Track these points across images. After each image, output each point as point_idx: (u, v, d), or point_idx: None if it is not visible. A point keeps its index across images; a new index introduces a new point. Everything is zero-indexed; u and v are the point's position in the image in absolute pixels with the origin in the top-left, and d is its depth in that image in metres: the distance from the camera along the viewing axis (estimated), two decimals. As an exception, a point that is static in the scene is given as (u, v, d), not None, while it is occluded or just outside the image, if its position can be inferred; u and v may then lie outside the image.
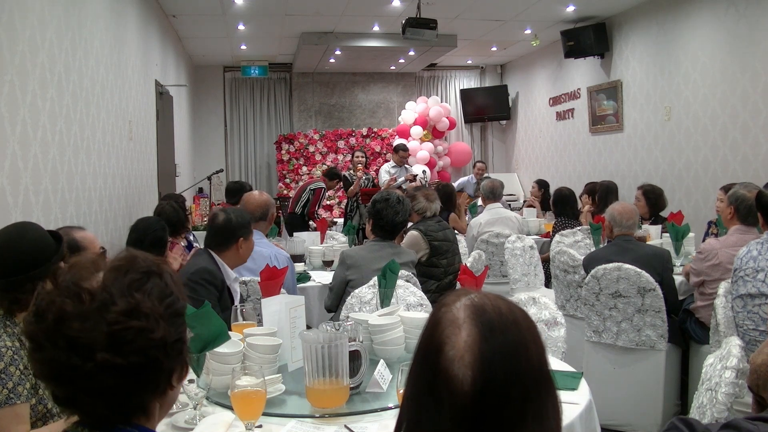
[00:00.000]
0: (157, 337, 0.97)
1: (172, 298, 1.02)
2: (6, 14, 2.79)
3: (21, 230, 1.92)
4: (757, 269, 2.79)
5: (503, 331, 0.92)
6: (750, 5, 5.78)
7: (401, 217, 3.41)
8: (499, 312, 0.94)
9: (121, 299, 0.97)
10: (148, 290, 0.99)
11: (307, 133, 10.52)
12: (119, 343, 0.95)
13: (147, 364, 0.96)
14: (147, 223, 3.70)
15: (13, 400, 1.69)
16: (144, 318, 0.97)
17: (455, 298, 0.96)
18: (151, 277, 1.02)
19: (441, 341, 0.91)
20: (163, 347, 0.98)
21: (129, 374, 0.95)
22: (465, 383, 0.87)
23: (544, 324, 2.60)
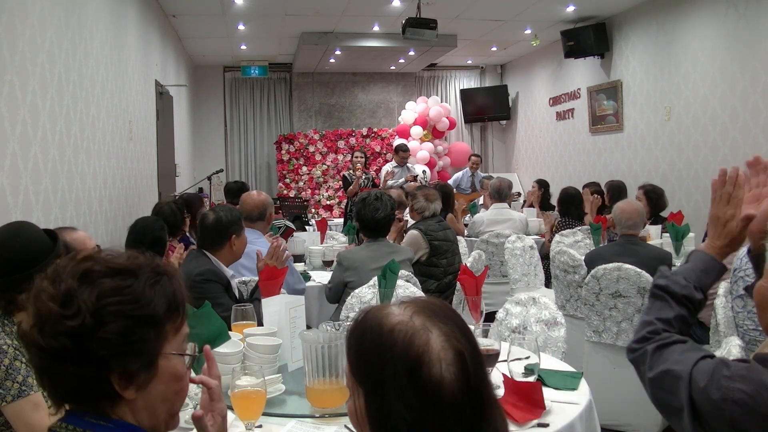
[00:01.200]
0: (75, 324, 0.95)
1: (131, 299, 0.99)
2: (6, 14, 2.79)
3: (15, 229, 1.92)
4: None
5: (457, 318, 0.96)
6: (750, 5, 5.78)
7: (382, 213, 3.39)
8: (438, 305, 0.98)
9: (62, 284, 0.98)
10: (96, 285, 0.98)
11: (307, 133, 10.52)
12: (41, 322, 0.97)
13: (62, 350, 0.95)
14: (146, 223, 3.70)
15: (26, 392, 1.72)
16: (68, 305, 0.96)
17: (386, 314, 0.96)
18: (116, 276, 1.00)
19: (416, 355, 0.90)
20: (85, 337, 0.95)
21: (51, 356, 0.96)
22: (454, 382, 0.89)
23: (544, 324, 2.59)
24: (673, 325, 1.34)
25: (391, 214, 3.47)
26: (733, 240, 1.41)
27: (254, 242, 3.58)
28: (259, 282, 2.87)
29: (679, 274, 1.39)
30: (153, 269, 1.04)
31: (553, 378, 2.00)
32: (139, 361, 0.99)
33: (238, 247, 2.92)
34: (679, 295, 1.37)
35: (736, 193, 1.41)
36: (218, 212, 2.96)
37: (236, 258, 2.96)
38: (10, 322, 1.82)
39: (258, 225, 3.70)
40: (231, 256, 2.92)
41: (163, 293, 1.02)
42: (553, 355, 2.44)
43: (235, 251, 2.92)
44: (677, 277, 1.39)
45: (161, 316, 1.01)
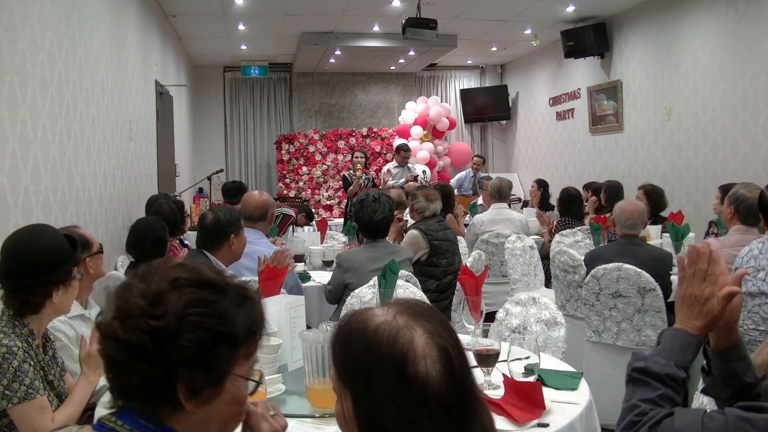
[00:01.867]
0: (158, 325, 0.96)
1: (213, 313, 0.99)
2: (6, 14, 2.79)
3: (37, 232, 1.92)
4: (758, 268, 2.78)
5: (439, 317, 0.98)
6: (750, 5, 5.78)
7: (381, 215, 3.38)
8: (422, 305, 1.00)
9: (154, 284, 1.00)
10: (185, 292, 0.99)
11: (307, 133, 10.52)
12: (126, 315, 0.98)
13: (141, 348, 0.96)
14: (147, 223, 3.69)
15: (32, 395, 1.73)
16: (156, 305, 0.97)
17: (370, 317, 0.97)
18: (205, 288, 1.01)
19: (401, 352, 0.92)
20: (163, 338, 0.96)
21: (127, 350, 0.97)
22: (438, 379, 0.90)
23: (544, 324, 2.60)
24: (658, 404, 1.27)
25: (390, 215, 3.46)
26: (714, 319, 1.31)
27: (255, 242, 3.58)
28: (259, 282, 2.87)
29: (655, 354, 1.33)
30: (240, 291, 1.05)
31: (553, 378, 2.00)
32: (208, 377, 0.99)
33: (237, 246, 2.93)
34: (661, 375, 1.29)
35: (712, 270, 1.32)
36: (217, 212, 2.97)
37: (235, 258, 2.97)
38: (21, 324, 1.83)
39: (259, 225, 3.70)
40: (230, 256, 2.93)
41: (245, 316, 1.03)
42: (553, 355, 2.44)
43: (234, 251, 2.92)
44: (655, 357, 1.32)
45: (239, 338, 1.02)
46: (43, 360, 1.89)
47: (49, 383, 1.89)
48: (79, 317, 2.40)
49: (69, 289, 1.92)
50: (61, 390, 1.95)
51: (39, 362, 1.85)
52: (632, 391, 1.32)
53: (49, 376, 1.90)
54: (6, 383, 1.71)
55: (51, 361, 1.95)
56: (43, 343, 1.94)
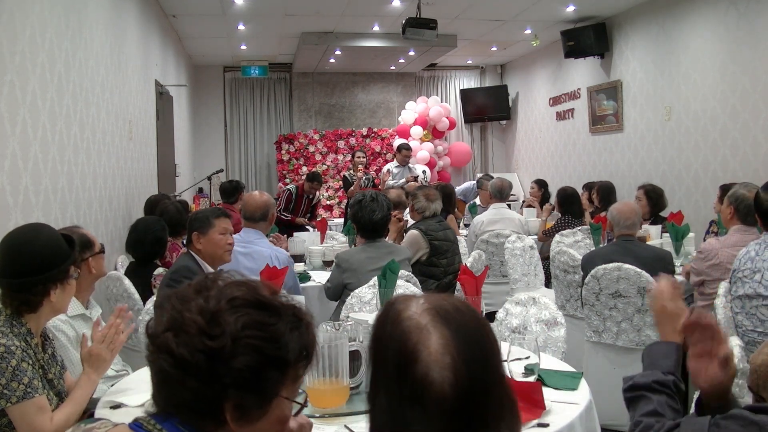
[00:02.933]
0: (214, 345, 0.95)
1: (269, 336, 0.99)
2: (6, 14, 2.79)
3: (35, 231, 1.92)
4: (754, 270, 2.78)
5: (469, 327, 0.93)
6: (750, 5, 5.78)
7: (379, 214, 3.37)
8: (460, 310, 0.95)
9: (212, 301, 0.99)
10: (242, 312, 0.99)
11: (307, 133, 10.52)
12: (181, 330, 0.97)
13: (194, 365, 0.95)
14: (147, 223, 3.70)
15: (31, 394, 1.73)
16: (214, 324, 0.96)
17: (407, 305, 0.96)
18: (263, 309, 1.01)
19: (414, 349, 0.90)
20: (218, 359, 0.95)
21: (179, 365, 0.96)
22: (445, 386, 0.87)
23: (544, 324, 2.60)
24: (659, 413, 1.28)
25: (388, 214, 3.46)
26: (721, 384, 1.32)
27: (256, 242, 3.59)
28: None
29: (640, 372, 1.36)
30: (295, 313, 1.05)
31: (553, 378, 2.00)
32: (257, 399, 0.99)
33: (205, 245, 2.90)
34: (649, 384, 1.31)
35: (717, 350, 1.33)
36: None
37: (212, 256, 2.92)
38: (19, 324, 1.83)
39: (260, 225, 3.70)
40: (205, 255, 2.90)
41: (299, 339, 1.03)
42: (553, 355, 2.44)
43: (203, 250, 2.90)
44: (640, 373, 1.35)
45: (291, 361, 1.02)
46: (43, 359, 1.89)
47: (49, 382, 1.89)
48: (79, 317, 2.40)
49: (67, 287, 1.92)
50: (61, 388, 1.95)
51: (38, 361, 1.85)
52: (632, 411, 1.32)
53: (49, 375, 1.90)
54: (4, 382, 1.70)
55: (50, 359, 1.95)
56: (42, 341, 1.94)
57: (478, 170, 11.32)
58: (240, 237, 3.57)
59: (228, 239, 2.92)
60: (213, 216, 2.94)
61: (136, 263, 3.66)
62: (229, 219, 2.99)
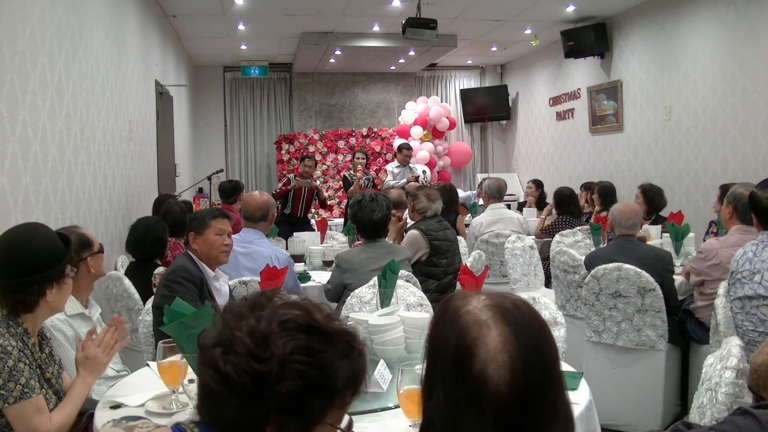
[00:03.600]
0: (260, 369, 0.94)
1: (318, 363, 0.97)
2: (6, 14, 2.79)
3: (31, 231, 1.92)
4: (753, 271, 2.78)
5: (530, 327, 0.92)
6: (750, 5, 5.78)
7: (379, 214, 3.37)
8: (520, 308, 0.94)
9: (264, 322, 0.97)
10: (293, 336, 0.97)
11: (307, 133, 10.52)
12: (229, 349, 0.96)
13: (239, 385, 0.94)
14: (147, 223, 3.70)
15: (28, 394, 1.73)
16: (263, 346, 0.95)
17: (467, 301, 0.94)
18: (314, 334, 0.99)
19: (471, 344, 0.89)
20: (263, 383, 0.94)
21: (224, 382, 0.95)
22: (501, 384, 0.86)
23: (544, 324, 2.59)
24: None
25: (388, 214, 3.46)
26: None
27: (256, 242, 3.59)
28: (260, 282, 2.88)
29: None
30: (347, 340, 1.02)
31: (553, 378, 1.99)
32: (299, 424, 0.98)
33: (201, 246, 2.89)
34: None
35: None
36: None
37: (208, 257, 2.91)
38: (16, 324, 1.82)
39: (260, 225, 3.70)
40: (202, 255, 2.89)
41: (348, 367, 1.01)
42: (553, 355, 2.43)
43: (198, 250, 2.89)
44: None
45: (338, 390, 1.00)
46: (40, 358, 1.89)
47: (47, 381, 1.88)
48: (78, 316, 2.40)
49: (63, 287, 1.92)
50: (59, 387, 1.95)
51: (35, 360, 1.85)
52: None
53: (47, 374, 1.90)
54: (1, 383, 1.70)
55: (48, 358, 1.95)
56: (39, 341, 1.94)
57: (478, 170, 11.32)
58: (240, 237, 3.56)
59: (224, 240, 2.90)
60: (210, 216, 2.93)
61: (136, 263, 3.66)
62: (227, 220, 2.97)
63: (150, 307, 2.80)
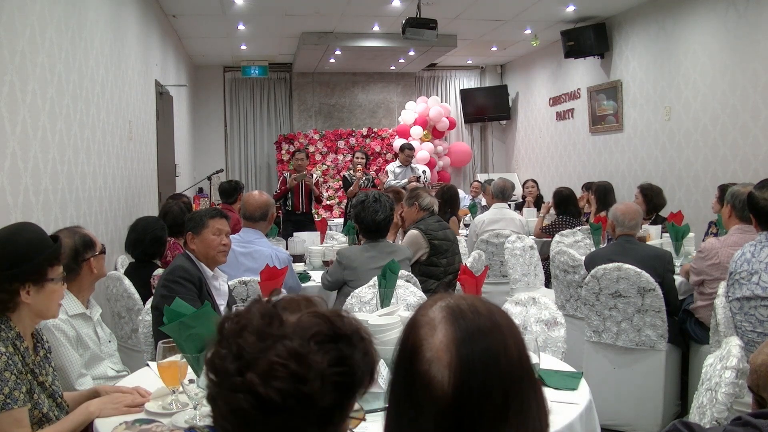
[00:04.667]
0: (307, 391, 0.92)
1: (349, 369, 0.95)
2: (6, 14, 2.79)
3: (12, 229, 1.89)
4: (751, 272, 2.79)
5: (480, 329, 0.90)
6: (750, 5, 5.78)
7: (382, 215, 3.38)
8: (476, 311, 0.93)
9: (296, 340, 0.94)
10: (326, 349, 0.94)
11: (307, 133, 10.52)
12: (269, 374, 0.92)
13: (283, 408, 0.91)
14: (146, 222, 3.70)
15: (10, 405, 1.67)
16: (305, 367, 0.92)
17: (432, 302, 0.95)
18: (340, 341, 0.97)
19: (417, 343, 0.89)
20: (308, 403, 0.92)
21: (265, 407, 0.92)
22: (444, 384, 0.86)
23: (544, 324, 2.60)
24: None
25: (391, 215, 3.47)
26: None
27: (256, 242, 3.59)
28: (260, 282, 2.88)
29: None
30: (361, 337, 1.00)
31: (553, 378, 2.00)
32: (332, 429, 0.97)
33: (198, 246, 2.89)
34: None
35: None
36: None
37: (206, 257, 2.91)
38: (8, 327, 1.78)
39: (260, 225, 3.70)
40: (200, 255, 2.90)
41: (370, 363, 1.00)
42: (553, 355, 2.44)
43: (196, 250, 2.89)
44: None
45: (363, 387, 0.99)
46: (33, 361, 1.83)
47: (40, 384, 1.84)
48: (80, 316, 2.40)
49: (46, 290, 1.83)
50: (55, 389, 1.91)
51: (28, 365, 1.80)
52: None
53: (40, 378, 1.85)
54: None
55: (42, 361, 1.90)
56: (33, 343, 1.89)
57: (478, 170, 11.32)
58: (239, 237, 3.57)
59: (222, 240, 2.90)
60: (207, 216, 2.92)
61: (135, 263, 3.66)
62: (225, 220, 2.96)
63: (150, 307, 2.80)
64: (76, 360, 2.30)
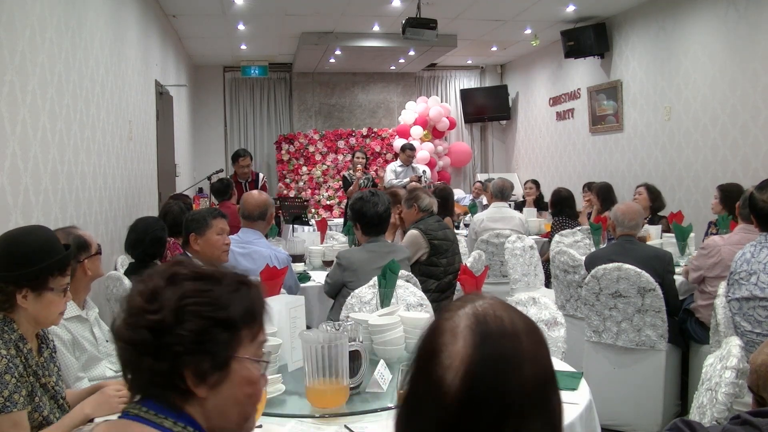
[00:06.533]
0: (154, 318, 1.02)
1: (203, 299, 1.04)
2: (6, 14, 2.79)
3: (28, 230, 1.88)
4: (750, 272, 2.79)
5: (497, 342, 0.88)
6: (750, 5, 5.78)
7: (383, 207, 3.41)
8: (500, 323, 0.90)
9: (152, 282, 1.06)
10: (181, 285, 1.05)
11: (307, 133, 10.52)
12: (129, 315, 1.04)
13: (139, 342, 1.02)
14: (146, 223, 3.69)
15: (9, 408, 1.66)
16: (153, 301, 1.03)
17: (461, 305, 0.93)
18: (201, 280, 1.06)
19: (437, 348, 0.89)
20: (161, 331, 1.01)
21: (132, 349, 1.03)
22: (451, 393, 0.85)
23: (544, 324, 2.60)
24: None
25: (389, 207, 3.51)
26: None
27: (255, 243, 3.58)
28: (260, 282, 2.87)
29: None
30: (236, 278, 1.10)
31: (553, 378, 1.99)
32: (212, 361, 1.03)
33: (203, 246, 2.88)
34: None
35: None
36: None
37: (210, 257, 2.91)
38: (11, 330, 1.77)
39: (258, 225, 3.69)
40: (203, 256, 2.89)
41: (241, 300, 1.07)
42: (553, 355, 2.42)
43: (200, 251, 2.89)
44: None
45: (236, 321, 1.06)
46: (36, 363, 1.82)
47: (43, 386, 1.82)
48: (75, 318, 2.37)
49: (42, 299, 1.79)
50: (58, 390, 1.89)
51: (31, 366, 1.78)
52: None
53: (42, 380, 1.83)
54: None
55: (47, 361, 1.88)
56: (38, 344, 1.87)
57: (478, 170, 11.32)
58: (238, 237, 3.56)
59: (225, 239, 2.90)
60: (210, 217, 2.92)
61: (135, 263, 3.65)
62: (225, 219, 2.97)
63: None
64: (72, 364, 2.28)
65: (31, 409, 1.76)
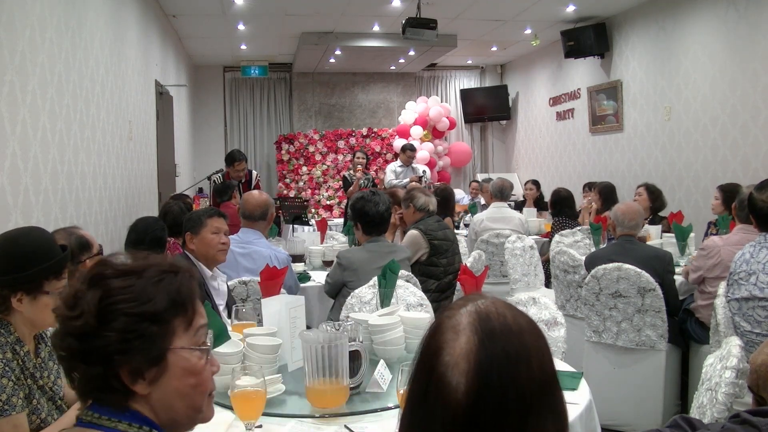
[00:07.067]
0: (76, 324, 1.00)
1: (123, 296, 1.02)
2: (6, 14, 2.79)
3: (20, 231, 1.87)
4: (749, 272, 2.79)
5: (504, 340, 0.88)
6: (750, 5, 5.78)
7: (383, 206, 3.42)
8: (504, 320, 0.90)
9: (74, 287, 1.04)
10: (100, 285, 1.02)
11: (307, 133, 10.52)
12: (57, 326, 1.03)
13: (68, 349, 1.01)
14: (146, 223, 3.69)
15: (8, 412, 1.65)
16: (74, 307, 1.01)
17: (463, 303, 0.93)
18: (122, 276, 1.04)
19: (439, 346, 0.88)
20: (86, 335, 1.00)
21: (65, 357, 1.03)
22: (458, 391, 0.84)
23: (544, 324, 2.60)
24: None
25: (389, 206, 3.52)
26: None
27: (254, 243, 3.59)
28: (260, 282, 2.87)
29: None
30: (159, 268, 1.06)
31: (553, 378, 1.99)
32: (145, 357, 1.01)
33: (198, 245, 2.89)
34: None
35: None
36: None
37: (206, 256, 2.91)
38: (6, 332, 1.75)
39: (259, 225, 3.70)
40: (200, 256, 2.89)
41: (165, 290, 1.04)
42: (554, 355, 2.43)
43: (196, 250, 2.89)
44: None
45: (163, 312, 1.03)
46: (34, 365, 1.80)
47: (40, 388, 1.80)
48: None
49: (37, 303, 1.76)
50: (57, 391, 1.88)
51: (28, 369, 1.77)
52: None
53: (40, 381, 1.81)
54: None
55: (43, 363, 1.86)
56: (35, 345, 1.85)
57: (478, 170, 11.32)
58: (238, 237, 3.56)
59: (221, 239, 2.90)
60: (205, 216, 2.93)
61: (135, 263, 3.65)
62: (222, 218, 2.97)
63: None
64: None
65: (29, 412, 1.75)
